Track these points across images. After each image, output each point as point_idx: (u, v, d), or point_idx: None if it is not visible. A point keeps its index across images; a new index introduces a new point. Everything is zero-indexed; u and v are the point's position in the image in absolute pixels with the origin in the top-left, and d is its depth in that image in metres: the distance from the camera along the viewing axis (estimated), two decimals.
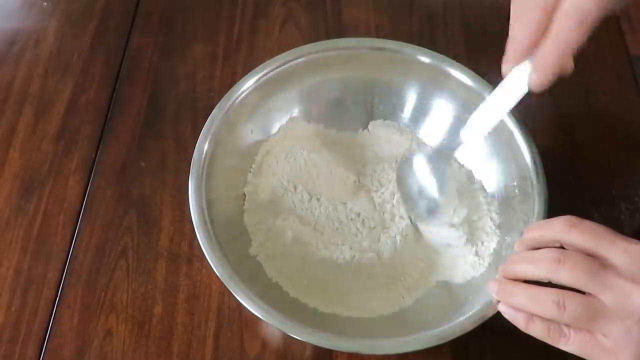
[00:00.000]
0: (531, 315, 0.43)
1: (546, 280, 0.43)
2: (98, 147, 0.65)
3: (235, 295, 0.48)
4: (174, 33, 0.73)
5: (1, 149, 0.64)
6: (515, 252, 0.47)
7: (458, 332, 0.47)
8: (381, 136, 0.62)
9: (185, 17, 0.74)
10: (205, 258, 0.50)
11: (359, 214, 0.57)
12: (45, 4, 0.75)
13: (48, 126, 0.66)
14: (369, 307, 0.53)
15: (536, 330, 0.43)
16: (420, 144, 0.61)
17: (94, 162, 0.64)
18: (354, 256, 0.54)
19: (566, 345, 0.42)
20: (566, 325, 0.42)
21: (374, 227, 0.56)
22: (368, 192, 0.58)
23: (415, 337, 0.48)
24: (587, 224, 0.43)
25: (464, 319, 0.48)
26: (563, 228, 0.43)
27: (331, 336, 0.48)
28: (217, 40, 0.72)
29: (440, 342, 0.47)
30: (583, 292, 0.42)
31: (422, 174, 0.55)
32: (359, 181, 0.59)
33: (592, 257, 0.42)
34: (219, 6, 0.75)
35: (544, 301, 0.42)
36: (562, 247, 0.44)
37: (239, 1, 0.76)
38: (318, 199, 0.57)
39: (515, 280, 0.45)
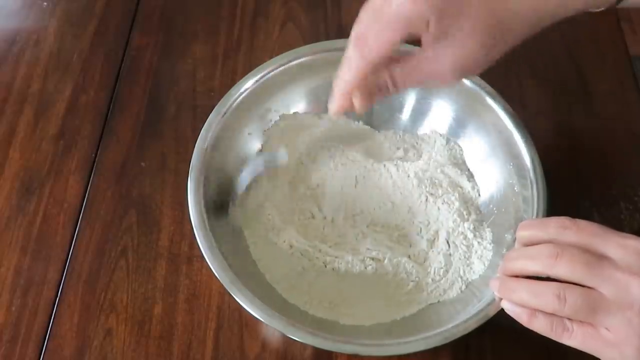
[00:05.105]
0: (534, 311, 0.43)
1: (545, 275, 0.43)
2: (98, 147, 0.65)
3: (236, 298, 0.48)
4: (174, 33, 0.73)
5: (1, 149, 0.64)
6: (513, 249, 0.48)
7: (460, 333, 0.47)
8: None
9: (185, 17, 0.74)
10: (205, 259, 0.50)
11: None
12: (45, 4, 0.75)
13: (48, 126, 0.66)
14: (369, 315, 0.53)
15: (539, 325, 0.43)
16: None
17: (94, 162, 0.64)
18: (355, 266, 0.54)
19: (569, 339, 0.42)
20: (569, 319, 0.42)
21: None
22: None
23: (417, 338, 0.48)
24: (580, 224, 0.43)
25: (466, 319, 0.48)
26: (557, 230, 0.44)
27: (333, 338, 0.48)
28: (217, 40, 0.72)
29: (443, 342, 0.47)
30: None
31: None
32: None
33: (588, 251, 0.42)
34: (219, 6, 0.75)
35: (544, 294, 0.42)
36: None
37: (239, 1, 0.75)
38: (319, 207, 0.57)
39: (515, 276, 0.45)
